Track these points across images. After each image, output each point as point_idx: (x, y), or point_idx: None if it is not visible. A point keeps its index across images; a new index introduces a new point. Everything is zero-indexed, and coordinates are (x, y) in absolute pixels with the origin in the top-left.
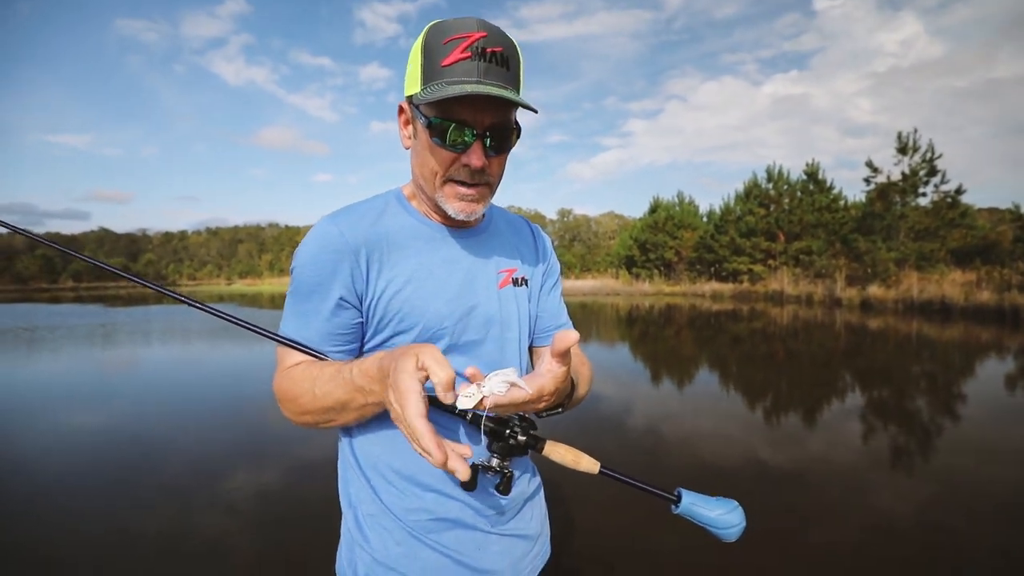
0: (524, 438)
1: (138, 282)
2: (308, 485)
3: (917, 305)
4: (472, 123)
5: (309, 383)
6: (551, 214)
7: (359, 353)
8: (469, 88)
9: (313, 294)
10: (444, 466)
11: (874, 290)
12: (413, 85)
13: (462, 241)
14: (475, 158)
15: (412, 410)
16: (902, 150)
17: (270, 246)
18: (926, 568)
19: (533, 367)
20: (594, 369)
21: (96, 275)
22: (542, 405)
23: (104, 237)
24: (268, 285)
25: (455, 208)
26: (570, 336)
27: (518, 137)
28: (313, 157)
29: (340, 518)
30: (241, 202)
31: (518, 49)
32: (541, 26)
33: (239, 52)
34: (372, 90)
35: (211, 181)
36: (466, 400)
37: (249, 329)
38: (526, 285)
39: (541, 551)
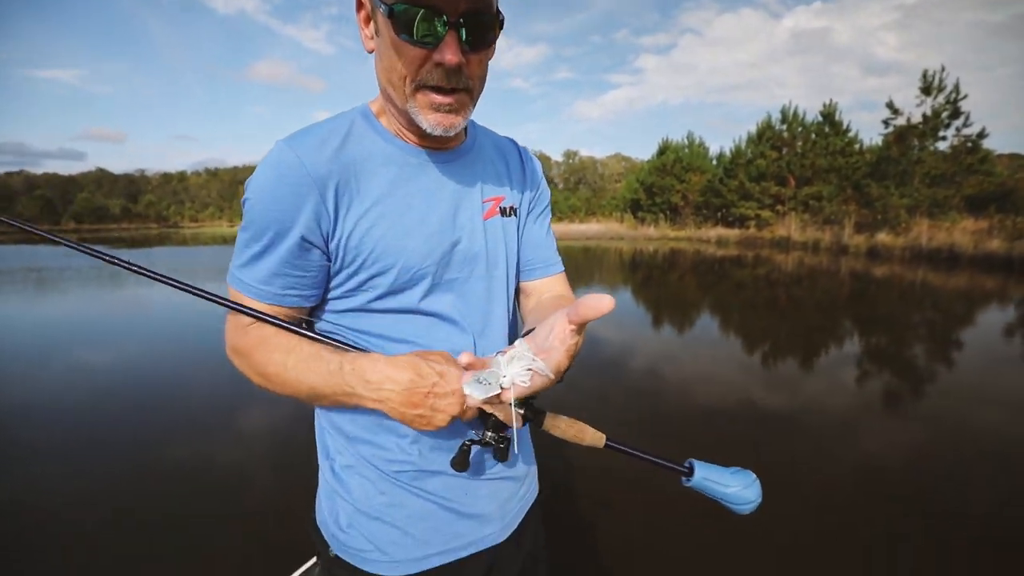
0: (523, 411)
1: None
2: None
3: (925, 253)
4: (444, 9)
5: (281, 354)
6: (556, 155)
7: (323, 301)
8: None
9: (269, 233)
10: None
11: (882, 237)
12: None
13: (442, 166)
14: (449, 53)
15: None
16: (926, 90)
17: None
18: (910, 506)
19: (519, 305)
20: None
21: (98, 216)
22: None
23: (102, 178)
24: None
25: (430, 121)
26: (603, 304)
27: (501, 28)
28: (310, 93)
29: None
30: (239, 141)
31: None
32: None
33: None
34: None
35: (207, 120)
36: (482, 388)
37: (202, 296)
38: (514, 215)
39: (529, 490)
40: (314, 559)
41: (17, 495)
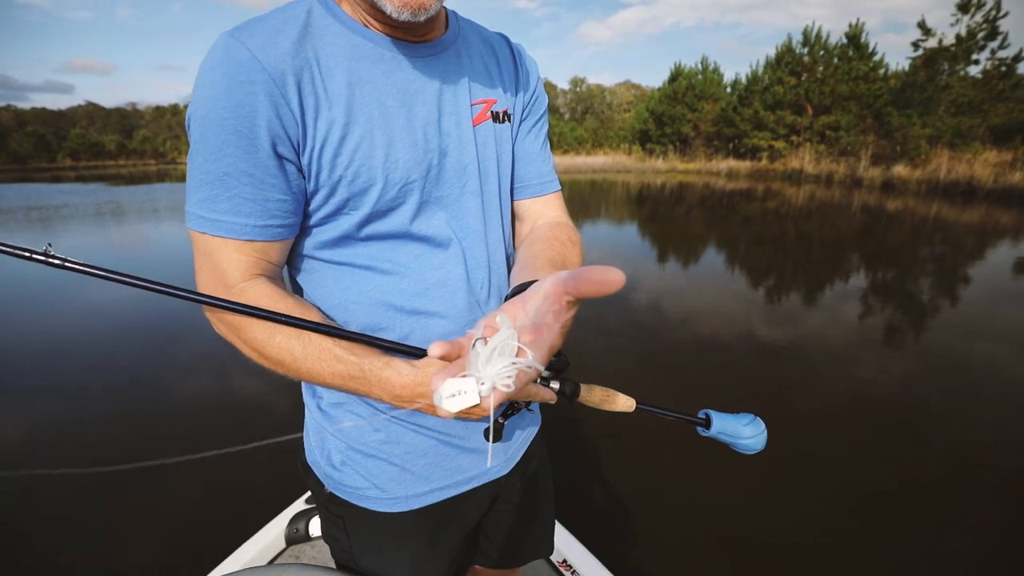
0: (558, 385)
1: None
2: None
3: (941, 186)
4: None
5: (286, 339)
6: (563, 83)
7: (301, 234)
8: None
9: (231, 148)
10: None
11: (899, 170)
12: None
13: (420, 61)
14: None
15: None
16: (963, 7)
17: None
18: (898, 433)
19: (513, 228)
20: (598, 249)
21: (94, 153)
22: None
23: (93, 112)
24: None
25: (395, 3)
26: (610, 279)
27: None
28: None
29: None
30: None
31: None
32: None
33: None
34: None
35: (195, 49)
36: (456, 401)
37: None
38: (508, 121)
39: (532, 420)
40: (306, 495)
41: (28, 434)
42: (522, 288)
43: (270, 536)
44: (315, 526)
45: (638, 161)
